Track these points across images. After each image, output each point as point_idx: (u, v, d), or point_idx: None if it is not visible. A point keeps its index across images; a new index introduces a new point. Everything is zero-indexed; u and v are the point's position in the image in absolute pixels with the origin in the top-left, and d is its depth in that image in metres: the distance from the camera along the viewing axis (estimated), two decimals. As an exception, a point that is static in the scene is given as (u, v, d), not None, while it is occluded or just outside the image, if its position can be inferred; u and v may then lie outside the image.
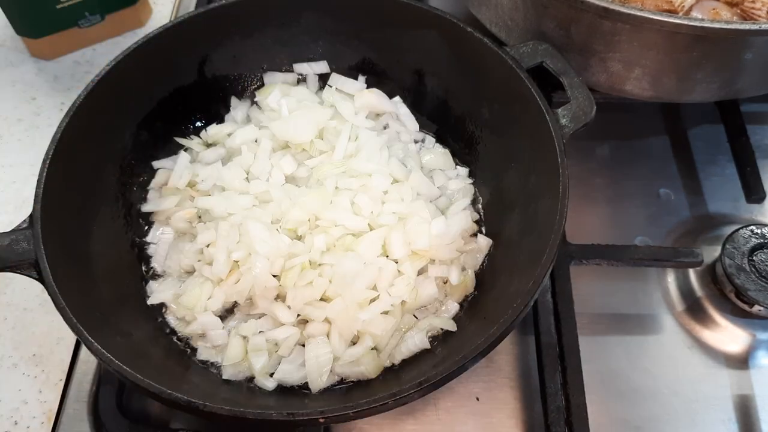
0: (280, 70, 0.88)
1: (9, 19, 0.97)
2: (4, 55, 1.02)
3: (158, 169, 0.82)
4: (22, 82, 0.99)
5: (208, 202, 0.77)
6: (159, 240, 0.78)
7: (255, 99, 0.87)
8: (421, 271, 0.74)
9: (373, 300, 0.70)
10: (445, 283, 0.75)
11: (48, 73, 1.00)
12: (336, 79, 0.87)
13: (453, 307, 0.73)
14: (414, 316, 0.73)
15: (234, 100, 0.87)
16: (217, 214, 0.76)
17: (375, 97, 0.84)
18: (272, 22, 0.84)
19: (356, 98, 0.84)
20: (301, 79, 0.89)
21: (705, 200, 0.89)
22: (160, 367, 0.67)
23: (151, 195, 0.81)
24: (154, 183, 0.81)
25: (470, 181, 0.83)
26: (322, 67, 0.88)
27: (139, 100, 0.80)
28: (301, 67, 0.88)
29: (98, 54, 1.02)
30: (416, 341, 0.70)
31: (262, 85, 0.88)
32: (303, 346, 0.70)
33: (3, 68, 1.01)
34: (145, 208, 0.79)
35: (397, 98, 0.87)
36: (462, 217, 0.77)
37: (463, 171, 0.84)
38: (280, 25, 0.85)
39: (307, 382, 0.68)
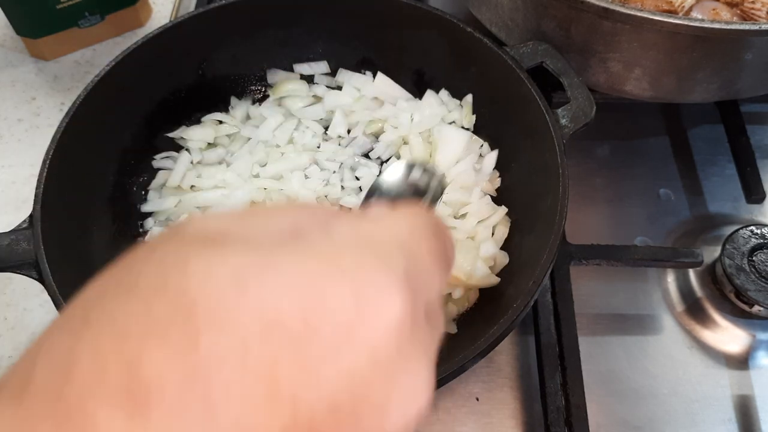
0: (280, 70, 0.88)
1: (9, 19, 0.96)
2: (4, 55, 1.02)
3: (158, 169, 0.82)
4: (22, 82, 0.99)
5: (208, 200, 0.77)
6: (159, 240, 0.78)
7: (257, 98, 0.87)
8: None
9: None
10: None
11: (48, 73, 1.00)
12: (343, 74, 0.87)
13: (453, 308, 0.73)
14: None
15: (234, 100, 0.87)
16: (217, 215, 0.76)
17: (385, 86, 0.85)
18: (272, 23, 0.84)
19: (368, 87, 0.85)
20: (302, 79, 0.89)
21: (705, 200, 0.89)
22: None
23: (151, 195, 0.80)
24: (154, 183, 0.81)
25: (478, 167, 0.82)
26: (322, 67, 0.88)
27: (139, 100, 0.79)
28: (301, 67, 0.88)
29: (98, 54, 1.02)
30: (416, 342, 0.69)
31: (262, 85, 0.88)
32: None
33: (3, 68, 1.00)
34: (145, 208, 0.79)
35: (397, 98, 0.87)
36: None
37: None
38: (280, 25, 0.84)
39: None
